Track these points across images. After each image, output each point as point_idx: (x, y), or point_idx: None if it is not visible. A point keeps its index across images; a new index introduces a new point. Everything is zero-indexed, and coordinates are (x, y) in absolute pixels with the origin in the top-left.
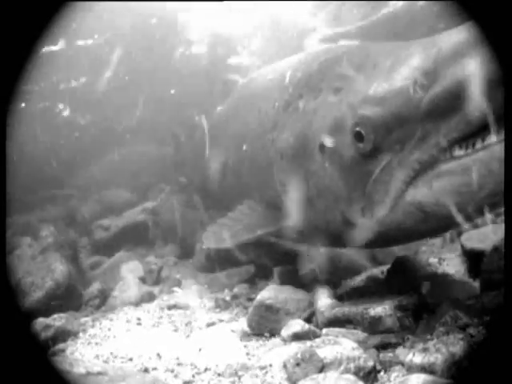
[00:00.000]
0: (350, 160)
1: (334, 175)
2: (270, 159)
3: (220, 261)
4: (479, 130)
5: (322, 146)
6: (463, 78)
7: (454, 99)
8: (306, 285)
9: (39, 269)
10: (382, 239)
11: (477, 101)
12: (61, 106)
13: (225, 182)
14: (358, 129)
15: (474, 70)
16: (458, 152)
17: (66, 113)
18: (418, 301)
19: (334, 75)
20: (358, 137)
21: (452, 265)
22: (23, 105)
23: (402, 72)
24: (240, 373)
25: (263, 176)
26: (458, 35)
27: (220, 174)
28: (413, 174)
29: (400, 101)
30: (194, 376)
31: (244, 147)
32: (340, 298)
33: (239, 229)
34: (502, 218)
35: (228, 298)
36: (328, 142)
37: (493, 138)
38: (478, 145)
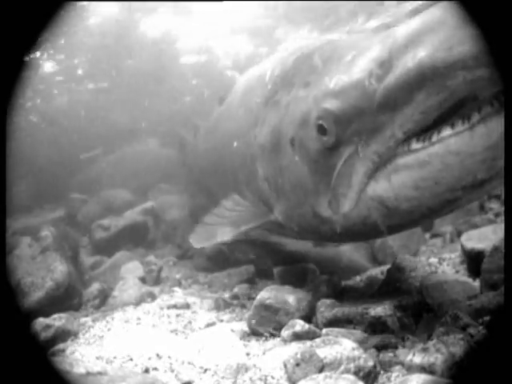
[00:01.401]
0: (316, 153)
1: (303, 169)
2: (254, 154)
3: (220, 261)
4: (440, 121)
5: (292, 140)
6: (416, 67)
7: (407, 90)
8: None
9: (39, 269)
10: (352, 233)
11: (429, 89)
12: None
13: (218, 179)
14: (320, 122)
15: (424, 57)
16: (415, 145)
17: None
18: (417, 301)
19: (305, 70)
20: (321, 130)
21: (452, 265)
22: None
23: (359, 64)
24: (240, 373)
25: (249, 171)
26: (414, 22)
27: (214, 171)
28: (372, 166)
29: (356, 93)
30: (194, 376)
31: (235, 144)
32: (340, 298)
33: (224, 225)
34: (502, 218)
35: (228, 298)
36: (296, 135)
37: (447, 130)
38: (434, 138)
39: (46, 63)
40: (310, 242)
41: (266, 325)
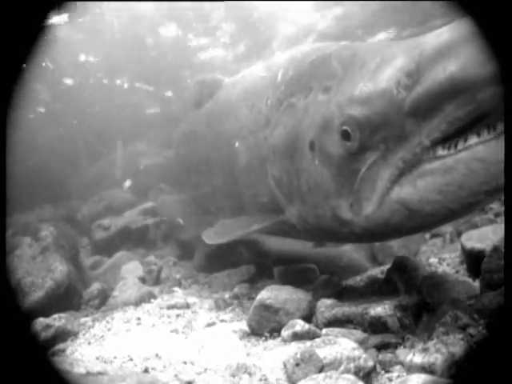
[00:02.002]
0: (338, 158)
1: (324, 172)
2: (264, 156)
3: (220, 261)
4: (464, 130)
5: (312, 144)
6: (447, 79)
7: (437, 100)
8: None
9: (39, 269)
10: (371, 235)
11: (459, 101)
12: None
13: (212, 178)
14: (345, 128)
15: (456, 71)
16: (440, 152)
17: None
18: (417, 301)
19: (324, 74)
20: (345, 135)
21: (452, 265)
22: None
23: (386, 72)
24: (240, 373)
25: (256, 172)
26: (442, 36)
27: (208, 172)
28: (398, 172)
29: (384, 101)
30: (194, 376)
31: (236, 144)
32: (340, 297)
33: (236, 225)
34: (502, 218)
35: (228, 298)
36: (316, 139)
37: (474, 138)
38: (460, 145)
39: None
40: (310, 243)
41: (266, 325)
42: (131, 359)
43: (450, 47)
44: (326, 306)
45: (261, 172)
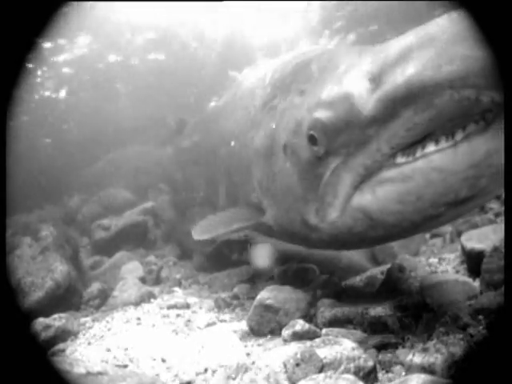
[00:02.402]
0: (306, 162)
1: (294, 176)
2: (250, 157)
3: (220, 261)
4: (426, 136)
5: (285, 147)
6: (404, 84)
7: (395, 106)
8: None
9: (39, 269)
10: (339, 242)
11: (416, 107)
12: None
13: (211, 175)
14: (311, 132)
15: (412, 75)
16: (399, 159)
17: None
18: (417, 301)
19: (302, 77)
20: (312, 140)
21: (452, 265)
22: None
23: (351, 76)
24: (240, 373)
25: (244, 172)
26: (405, 38)
27: (207, 168)
28: (359, 178)
29: (346, 105)
30: (193, 376)
31: (232, 143)
32: (340, 298)
33: (218, 222)
34: (502, 218)
35: (228, 298)
36: (289, 143)
37: (431, 147)
38: (419, 153)
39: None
40: None
41: (266, 325)
42: (131, 359)
43: (410, 50)
44: (326, 306)
45: (247, 173)
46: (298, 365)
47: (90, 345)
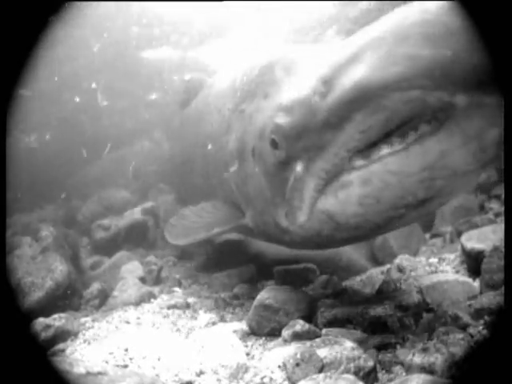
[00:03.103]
0: (271, 166)
1: (262, 180)
2: (226, 160)
3: (220, 261)
4: (381, 138)
5: (253, 151)
6: (352, 87)
7: (346, 109)
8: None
9: (39, 269)
10: (310, 243)
11: (368, 110)
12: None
13: (193, 179)
14: (273, 136)
15: (360, 78)
16: (358, 162)
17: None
18: (417, 301)
19: (267, 80)
20: (274, 144)
21: (452, 265)
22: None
23: (308, 80)
24: (240, 373)
25: (223, 174)
26: (358, 40)
27: (188, 171)
28: (322, 182)
29: (302, 110)
30: (193, 376)
31: (209, 146)
32: (340, 298)
33: (198, 227)
34: (502, 218)
35: (228, 298)
36: (256, 146)
37: (386, 149)
38: (375, 156)
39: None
40: None
41: (266, 325)
42: (131, 359)
43: (359, 52)
44: (326, 306)
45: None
46: (297, 365)
47: (89, 345)
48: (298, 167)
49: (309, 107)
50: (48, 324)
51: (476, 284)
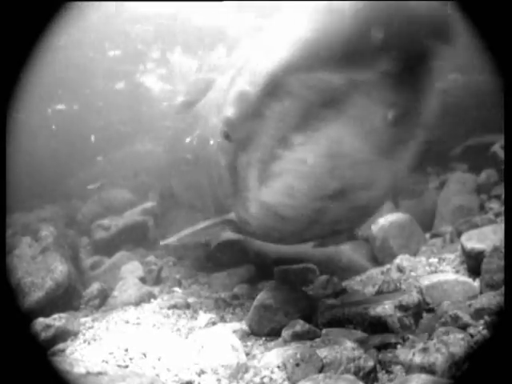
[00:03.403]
0: (227, 159)
1: (225, 173)
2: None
3: (220, 261)
4: (301, 126)
5: (218, 147)
6: (261, 75)
7: (263, 99)
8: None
9: (39, 269)
10: (269, 237)
11: (278, 97)
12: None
13: (194, 180)
14: (224, 129)
15: (265, 69)
16: (279, 151)
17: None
18: (418, 301)
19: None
20: (226, 136)
21: (452, 265)
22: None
23: (244, 74)
24: (240, 373)
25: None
26: (261, 33)
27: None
28: (260, 172)
29: (242, 102)
30: (193, 376)
31: (211, 142)
32: (340, 298)
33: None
34: (502, 218)
35: (228, 298)
36: (218, 142)
37: (299, 138)
38: (290, 145)
39: None
40: (310, 243)
41: (266, 325)
42: (131, 359)
43: (263, 43)
44: (326, 306)
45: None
46: (297, 365)
47: (89, 345)
48: (242, 157)
49: (245, 98)
50: (48, 324)
51: (476, 284)
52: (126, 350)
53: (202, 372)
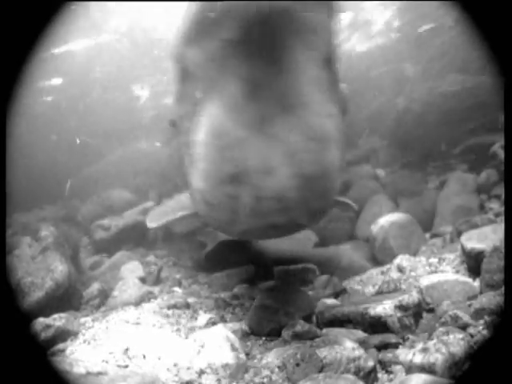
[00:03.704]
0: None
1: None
2: None
3: (220, 261)
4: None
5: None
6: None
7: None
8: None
9: (39, 269)
10: (216, 226)
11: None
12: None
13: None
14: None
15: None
16: (192, 135)
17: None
18: (418, 301)
19: None
20: (171, 123)
21: (452, 265)
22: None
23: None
24: (240, 373)
25: None
26: None
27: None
28: (187, 158)
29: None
30: (194, 376)
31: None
32: (340, 298)
33: (166, 212)
34: (502, 218)
35: (228, 298)
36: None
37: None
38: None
39: None
40: (310, 243)
41: (266, 325)
42: (131, 359)
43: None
44: (326, 306)
45: None
46: (297, 365)
47: (89, 345)
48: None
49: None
50: (48, 324)
51: (476, 284)
52: (126, 350)
53: (201, 372)
